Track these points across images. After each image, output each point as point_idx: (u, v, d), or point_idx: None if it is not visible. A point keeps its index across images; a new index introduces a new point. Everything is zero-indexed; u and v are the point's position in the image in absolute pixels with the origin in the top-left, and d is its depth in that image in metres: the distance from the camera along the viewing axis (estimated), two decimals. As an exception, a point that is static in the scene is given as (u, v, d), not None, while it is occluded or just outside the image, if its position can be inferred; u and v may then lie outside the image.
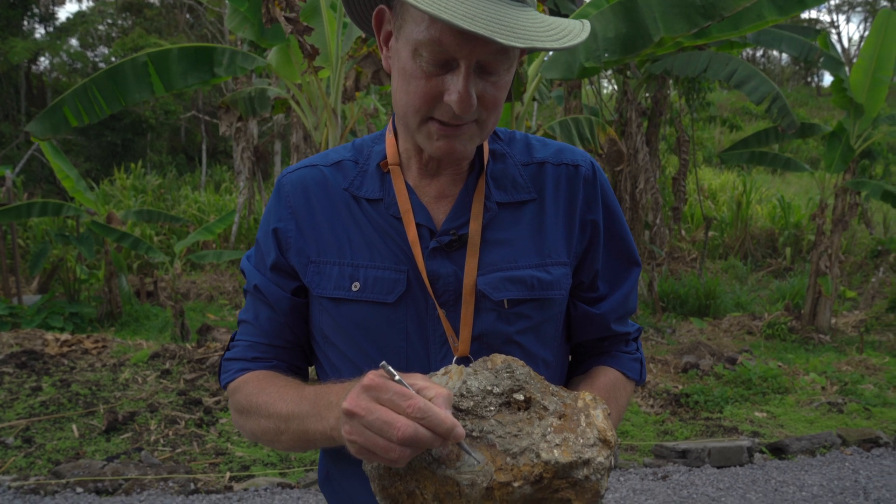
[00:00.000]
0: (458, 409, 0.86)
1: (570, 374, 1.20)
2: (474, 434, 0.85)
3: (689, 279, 10.12)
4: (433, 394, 0.79)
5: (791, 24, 7.97)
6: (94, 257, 8.37)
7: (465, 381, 0.89)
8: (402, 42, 0.92)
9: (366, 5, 1.05)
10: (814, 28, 7.47)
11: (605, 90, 11.91)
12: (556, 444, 0.84)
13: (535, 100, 8.13)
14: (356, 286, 1.02)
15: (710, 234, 12.09)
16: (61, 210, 7.06)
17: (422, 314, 1.03)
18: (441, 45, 0.87)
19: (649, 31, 4.28)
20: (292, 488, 3.78)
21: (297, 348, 1.14)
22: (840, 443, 4.55)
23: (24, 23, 16.90)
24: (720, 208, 13.81)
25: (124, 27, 22.35)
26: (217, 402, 4.88)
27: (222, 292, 9.99)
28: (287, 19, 4.40)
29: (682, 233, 12.35)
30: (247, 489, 3.75)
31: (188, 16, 21.57)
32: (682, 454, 4.26)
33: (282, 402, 0.99)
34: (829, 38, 7.59)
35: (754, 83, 6.63)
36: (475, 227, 1.03)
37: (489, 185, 1.06)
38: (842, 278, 10.03)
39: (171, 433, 4.44)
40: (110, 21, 22.68)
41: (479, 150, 1.07)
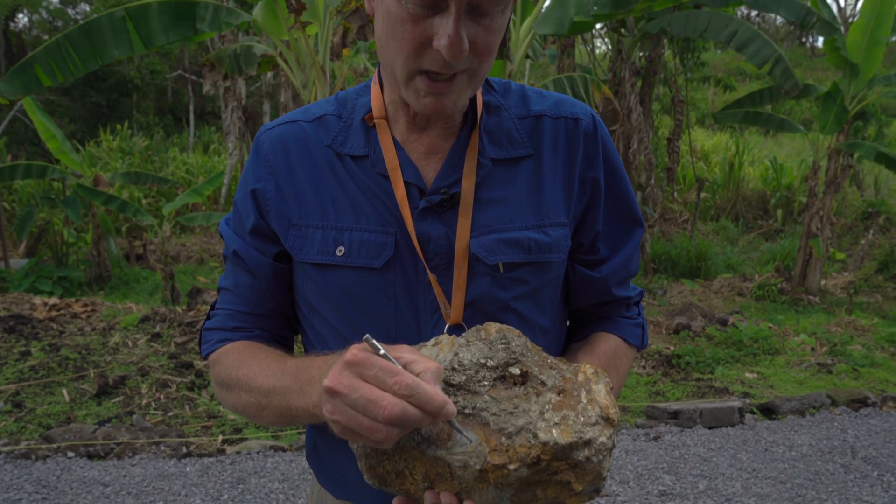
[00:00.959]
0: (449, 384, 0.81)
1: (568, 340, 1.15)
2: (466, 411, 0.80)
3: (680, 241, 10.13)
4: (421, 368, 0.74)
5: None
6: (82, 220, 8.26)
7: (456, 354, 0.83)
8: None
9: None
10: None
11: (599, 50, 11.73)
12: (555, 423, 0.78)
13: (528, 57, 7.99)
14: (341, 251, 0.96)
15: (702, 195, 12.06)
16: (46, 172, 6.93)
17: (411, 280, 0.97)
18: None
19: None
20: (284, 451, 3.79)
21: (280, 317, 1.08)
22: (829, 403, 4.60)
23: (2, -22, 16.41)
24: (712, 170, 13.76)
25: (106, -17, 21.75)
26: (208, 366, 4.86)
27: (212, 255, 9.92)
28: (273, -27, 4.25)
29: (675, 194, 12.32)
30: (239, 452, 3.75)
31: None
32: (674, 415, 4.28)
33: (263, 375, 0.93)
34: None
35: (756, 45, 6.52)
36: (468, 186, 0.96)
37: (483, 140, 0.99)
38: (832, 240, 10.06)
39: (162, 397, 4.43)
40: (92, -23, 22.08)
41: (472, 103, 1.00)
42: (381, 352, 0.74)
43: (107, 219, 8.49)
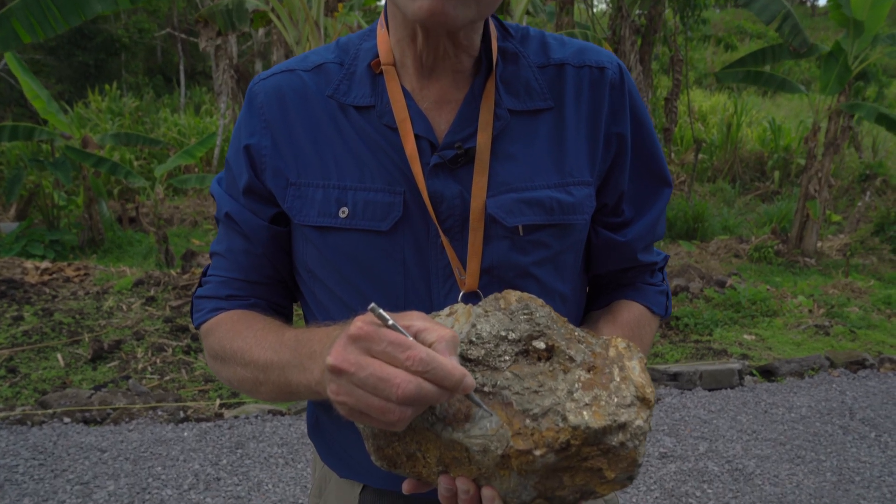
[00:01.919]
0: (465, 359, 0.73)
1: (587, 308, 1.07)
2: (486, 389, 0.72)
3: (677, 202, 10.07)
4: (434, 337, 0.66)
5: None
6: (72, 183, 8.12)
7: (474, 325, 0.75)
8: None
9: None
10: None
11: (597, 7, 11.49)
12: (586, 404, 0.70)
13: (528, 13, 7.82)
14: (344, 212, 0.88)
15: (700, 156, 11.97)
16: (33, 134, 6.78)
17: (422, 243, 0.89)
18: None
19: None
20: (283, 415, 3.76)
21: (278, 284, 1.00)
22: (828, 365, 4.60)
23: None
24: (710, 131, 13.64)
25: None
26: (200, 336, 4.82)
27: (206, 217, 9.81)
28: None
29: (672, 155, 12.22)
30: (237, 416, 3.73)
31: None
32: (674, 377, 4.28)
33: (259, 348, 0.85)
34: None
35: (764, 1, 6.37)
36: (484, 140, 0.88)
37: (499, 91, 0.89)
38: (829, 202, 10.02)
39: (158, 361, 4.39)
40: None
41: (486, 48, 0.90)
42: (390, 322, 0.66)
43: (97, 181, 8.35)
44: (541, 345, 0.75)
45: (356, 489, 1.03)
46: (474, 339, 0.74)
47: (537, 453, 0.68)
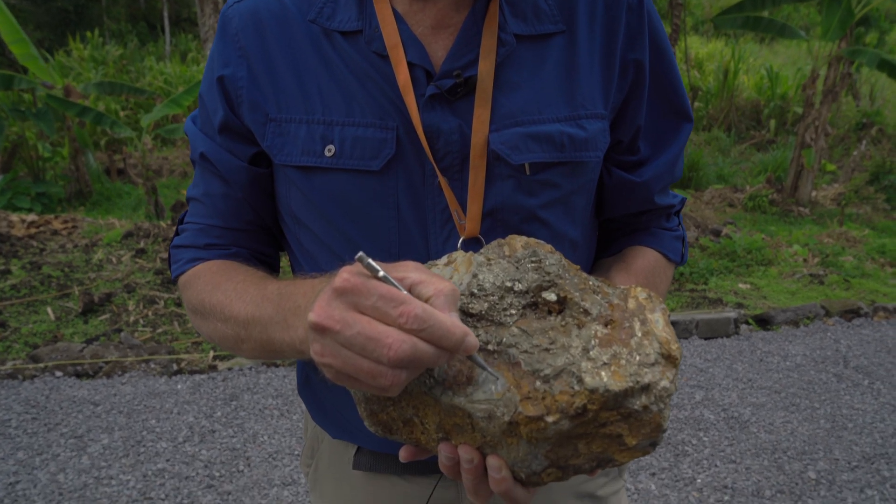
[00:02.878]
0: (466, 314, 0.65)
1: (597, 255, 1.00)
2: (490, 348, 0.64)
3: (673, 152, 9.97)
4: (432, 291, 0.58)
5: None
6: (57, 134, 7.94)
7: (475, 275, 0.67)
8: None
9: None
10: None
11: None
12: (604, 364, 0.61)
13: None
14: (330, 150, 0.80)
15: (696, 104, 11.81)
16: (12, 82, 6.57)
17: (417, 184, 0.81)
18: None
19: None
20: (277, 366, 3.74)
21: (261, 231, 0.92)
22: (823, 314, 4.60)
23: None
24: (706, 78, 13.44)
25: None
26: (179, 289, 4.77)
27: (195, 169, 9.66)
28: None
29: (668, 104, 12.03)
30: (231, 368, 3.70)
31: None
32: (669, 327, 4.27)
33: (240, 302, 0.77)
34: None
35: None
36: (486, 68, 0.79)
37: (503, 12, 0.80)
38: (824, 151, 9.95)
39: (150, 313, 4.35)
40: None
41: None
42: (380, 273, 0.58)
43: (83, 132, 8.17)
44: (551, 296, 0.67)
45: (350, 451, 0.97)
46: (476, 290, 0.66)
47: (549, 420, 0.60)
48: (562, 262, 0.70)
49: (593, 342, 0.63)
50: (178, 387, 3.48)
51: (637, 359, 0.62)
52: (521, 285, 0.67)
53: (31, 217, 6.01)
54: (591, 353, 0.63)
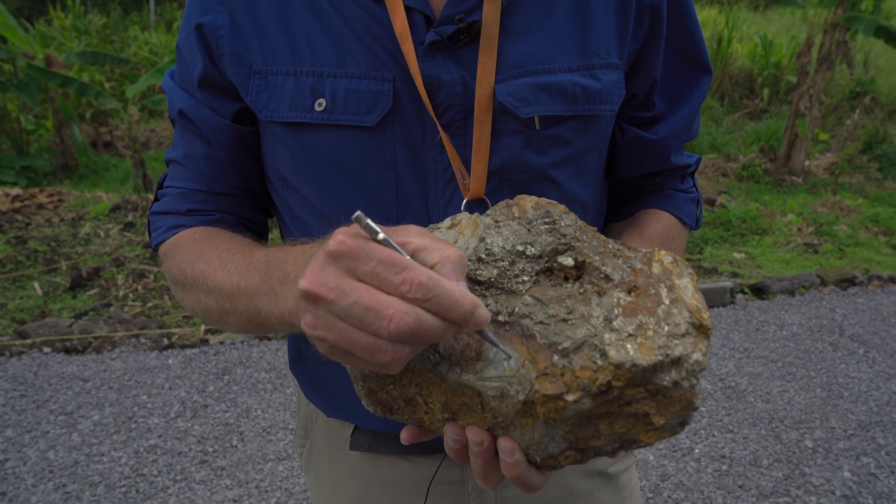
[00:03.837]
0: (474, 282, 0.59)
1: (607, 219, 0.94)
2: (500, 318, 0.57)
3: (666, 121, 9.90)
4: (437, 258, 0.51)
5: None
6: (40, 106, 7.77)
7: (482, 239, 0.60)
8: None
9: None
10: None
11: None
12: (629, 335, 0.55)
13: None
14: (321, 104, 0.73)
15: (689, 74, 11.71)
16: (-7, 52, 6.41)
17: (416, 141, 0.74)
18: None
19: None
20: (270, 340, 3.69)
21: (247, 195, 0.85)
22: (819, 283, 4.59)
23: None
24: (700, 47, 13.30)
25: None
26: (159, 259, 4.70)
27: (183, 142, 9.52)
28: None
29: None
30: (223, 342, 3.66)
31: None
32: (664, 297, 4.25)
33: (224, 271, 0.70)
34: None
35: None
36: (491, 12, 0.71)
37: None
38: (817, 120, 9.89)
39: (140, 287, 4.28)
40: None
41: None
42: (381, 236, 0.52)
43: (67, 104, 8.01)
44: (568, 261, 0.60)
45: (347, 430, 0.91)
46: (484, 255, 0.60)
47: (569, 398, 0.54)
48: (578, 223, 0.63)
49: (616, 311, 0.57)
50: (170, 361, 3.43)
51: (666, 329, 0.56)
52: (533, 249, 0.60)
53: (16, 191, 5.90)
54: (615, 323, 0.56)
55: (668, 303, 0.57)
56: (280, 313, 0.62)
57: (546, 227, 0.62)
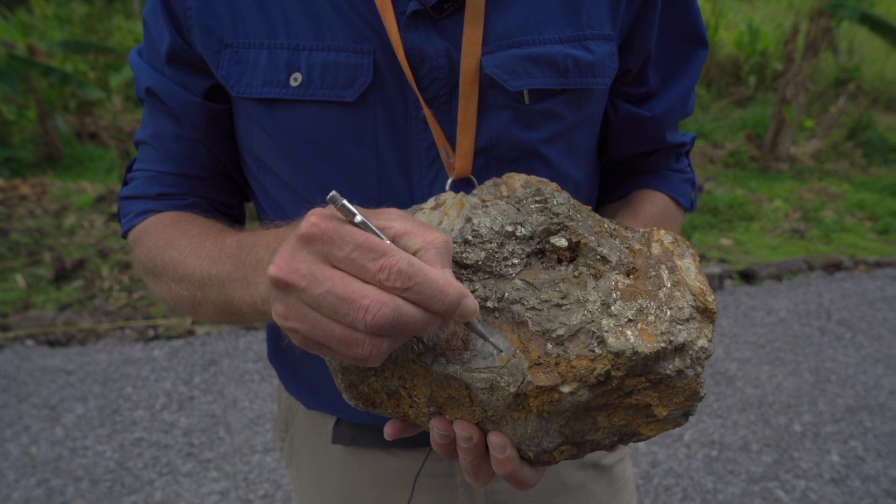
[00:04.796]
0: (460, 265, 0.56)
1: (600, 200, 0.91)
2: (489, 305, 0.54)
3: (654, 109, 9.90)
4: (420, 243, 0.48)
5: None
6: (22, 96, 7.65)
7: (469, 219, 0.57)
8: None
9: None
10: None
11: None
12: (629, 321, 0.51)
13: None
14: (297, 79, 0.69)
15: (677, 61, 11.71)
16: (-28, 41, 6.29)
17: (398, 118, 0.71)
18: None
19: None
20: (257, 330, 3.66)
21: (220, 178, 0.82)
22: (806, 268, 4.61)
23: None
24: (687, 34, 13.30)
25: None
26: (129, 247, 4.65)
27: (168, 132, 9.41)
28: None
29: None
30: (209, 333, 3.62)
31: None
32: (653, 284, 4.24)
33: (195, 258, 0.67)
34: None
35: None
36: None
37: None
38: (803, 107, 9.93)
39: (125, 279, 4.23)
40: None
41: None
42: (358, 218, 0.48)
43: (50, 93, 7.89)
44: (561, 241, 0.56)
45: (328, 423, 0.88)
46: (470, 237, 0.56)
47: (565, 390, 0.50)
48: (571, 201, 0.60)
49: (614, 295, 0.53)
50: (155, 353, 3.39)
51: (668, 314, 0.52)
52: (524, 230, 0.57)
53: (-2, 182, 5.81)
54: (613, 307, 0.52)
55: (669, 285, 0.54)
56: (252, 301, 0.58)
57: (537, 205, 0.58)
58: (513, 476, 0.55)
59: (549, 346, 0.52)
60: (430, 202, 0.61)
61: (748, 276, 4.45)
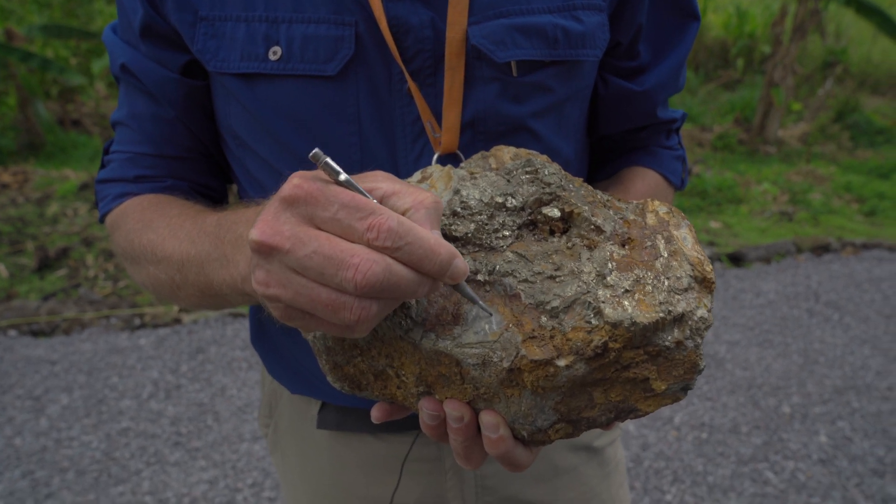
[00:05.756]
0: (449, 239, 0.54)
1: (589, 178, 0.88)
2: (480, 278, 0.52)
3: (642, 93, 9.88)
4: (409, 202, 0.46)
5: None
6: (1, 82, 7.52)
7: (457, 191, 0.55)
8: None
9: None
10: None
11: None
12: (626, 291, 0.49)
13: None
14: (276, 53, 0.66)
15: (665, 45, 11.67)
16: (-51, 26, 6.16)
17: (382, 92, 0.68)
18: None
19: None
20: (245, 317, 3.63)
21: (200, 158, 0.79)
22: (795, 250, 4.62)
23: None
24: (675, 17, 13.26)
25: None
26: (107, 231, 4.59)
27: (152, 118, 9.29)
28: None
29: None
30: (196, 321, 3.58)
31: None
32: (642, 268, 4.24)
33: (173, 240, 0.64)
34: None
35: None
36: None
37: None
38: (791, 90, 9.94)
39: (110, 267, 4.18)
40: None
41: None
42: (342, 177, 0.45)
43: (31, 79, 7.76)
44: (554, 212, 0.54)
45: (313, 407, 0.86)
46: (459, 209, 0.54)
47: (561, 364, 0.48)
48: (562, 172, 0.57)
49: (610, 265, 0.51)
50: (141, 342, 3.35)
51: (666, 284, 0.50)
52: (514, 201, 0.55)
53: (-22, 170, 5.72)
54: (609, 278, 0.50)
55: (666, 255, 0.52)
56: (233, 280, 0.56)
57: (528, 176, 0.56)
58: (506, 457, 0.53)
59: (544, 318, 0.50)
60: (417, 175, 0.59)
61: (737, 259, 4.45)
